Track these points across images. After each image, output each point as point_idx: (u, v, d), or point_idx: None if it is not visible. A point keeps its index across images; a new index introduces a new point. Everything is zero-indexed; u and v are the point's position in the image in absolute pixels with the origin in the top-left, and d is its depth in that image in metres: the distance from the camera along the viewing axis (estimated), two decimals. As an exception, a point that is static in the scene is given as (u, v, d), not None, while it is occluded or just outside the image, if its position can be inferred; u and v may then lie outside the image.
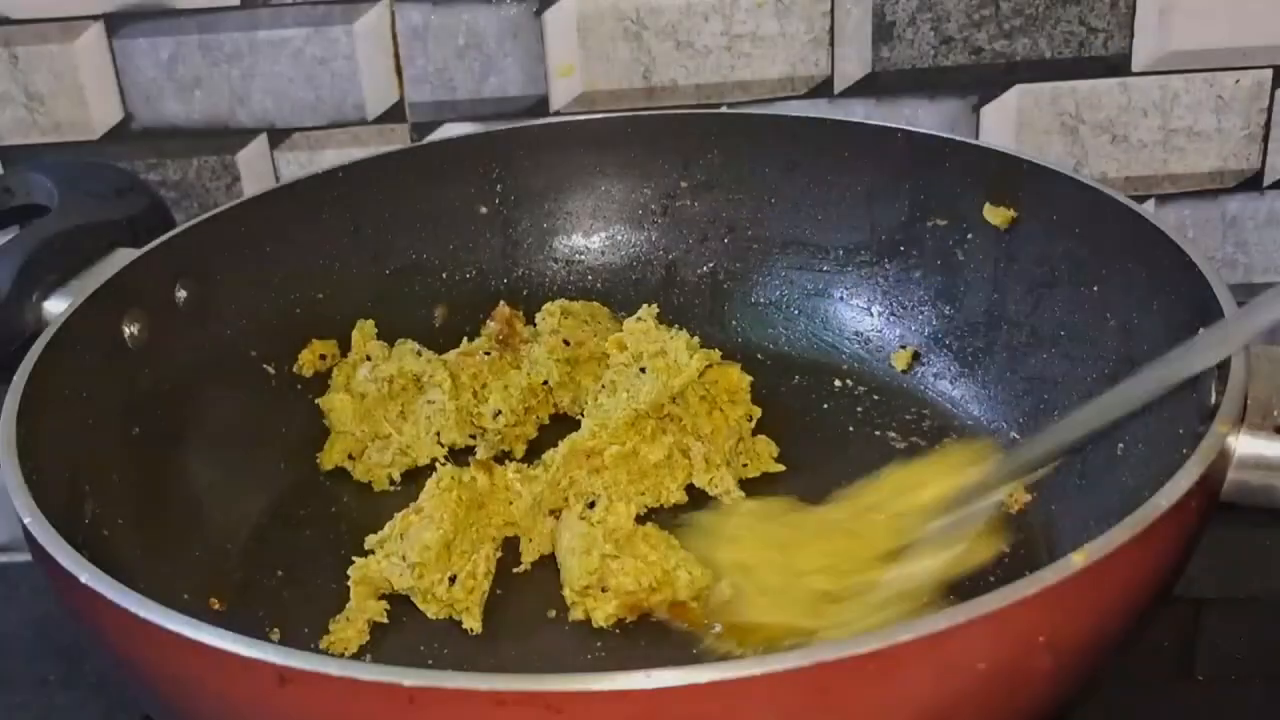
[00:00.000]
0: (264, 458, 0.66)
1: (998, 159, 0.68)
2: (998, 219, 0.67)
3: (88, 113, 0.80)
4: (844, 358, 0.72)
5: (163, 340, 0.63)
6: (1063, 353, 0.64)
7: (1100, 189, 0.63)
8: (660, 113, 0.79)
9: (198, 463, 0.62)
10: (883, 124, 0.72)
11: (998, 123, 0.80)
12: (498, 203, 0.76)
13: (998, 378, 0.67)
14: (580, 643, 0.56)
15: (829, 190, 0.73)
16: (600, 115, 0.77)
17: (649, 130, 0.76)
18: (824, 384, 0.71)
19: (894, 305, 0.72)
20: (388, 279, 0.74)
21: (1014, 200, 0.67)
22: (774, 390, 0.69)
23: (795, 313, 0.74)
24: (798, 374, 0.71)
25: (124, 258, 0.64)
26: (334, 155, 0.81)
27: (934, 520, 0.52)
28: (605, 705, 0.36)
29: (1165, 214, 0.83)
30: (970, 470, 0.54)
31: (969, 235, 0.69)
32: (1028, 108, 0.80)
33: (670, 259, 0.77)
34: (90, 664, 0.59)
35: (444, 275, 0.75)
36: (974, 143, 0.73)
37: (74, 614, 0.46)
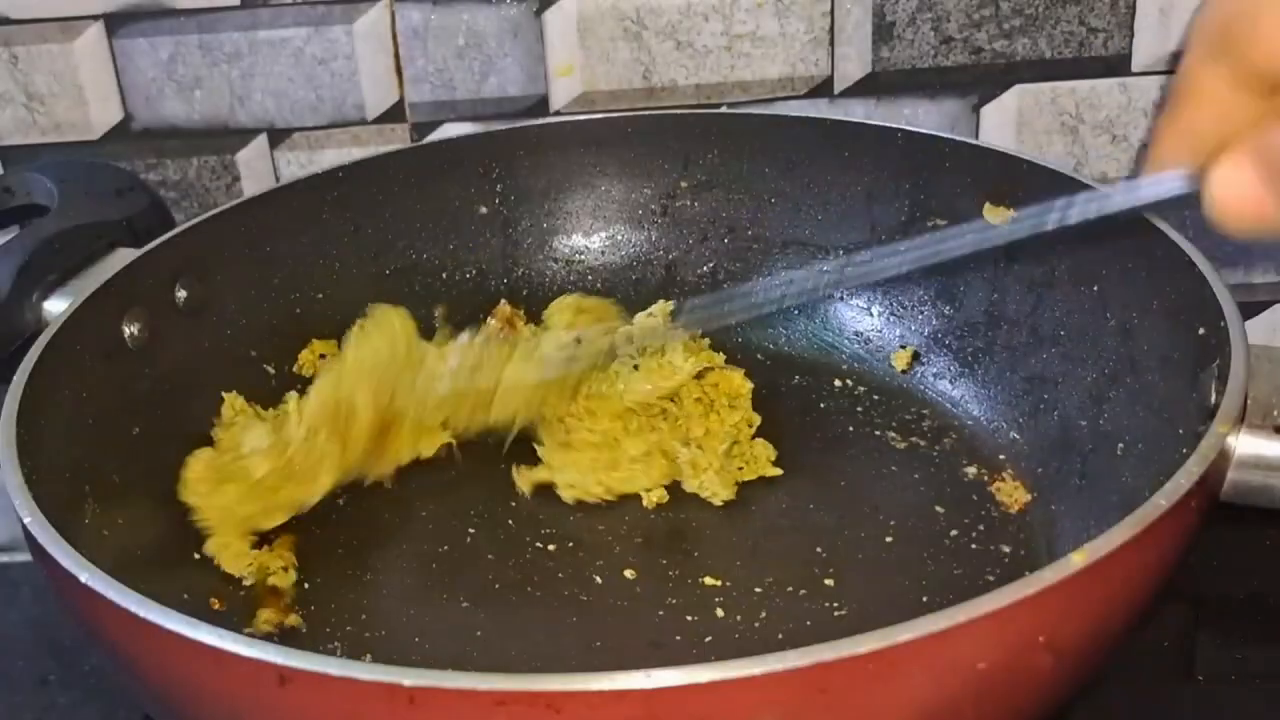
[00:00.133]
0: (264, 458, 0.66)
1: (998, 159, 0.68)
2: (998, 219, 0.67)
3: (88, 113, 0.80)
4: (844, 358, 0.72)
5: (163, 340, 0.63)
6: (1063, 353, 0.64)
7: (1101, 189, 0.63)
8: (660, 113, 0.79)
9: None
10: (883, 124, 0.72)
11: (998, 123, 0.80)
12: (498, 203, 0.76)
13: (998, 378, 0.67)
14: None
15: (829, 190, 0.73)
16: (600, 115, 0.77)
17: (649, 130, 0.76)
18: (824, 384, 0.71)
19: (894, 305, 0.72)
20: (388, 279, 0.74)
21: (1014, 200, 0.67)
22: (774, 390, 0.69)
23: (795, 313, 0.74)
24: (798, 374, 0.71)
25: (124, 258, 0.64)
26: (334, 155, 0.81)
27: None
28: (605, 705, 0.36)
29: (1165, 214, 0.83)
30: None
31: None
32: (1028, 108, 0.80)
33: (670, 259, 0.77)
34: (90, 664, 0.59)
35: (444, 275, 0.75)
36: (974, 143, 0.73)
37: (74, 614, 0.46)
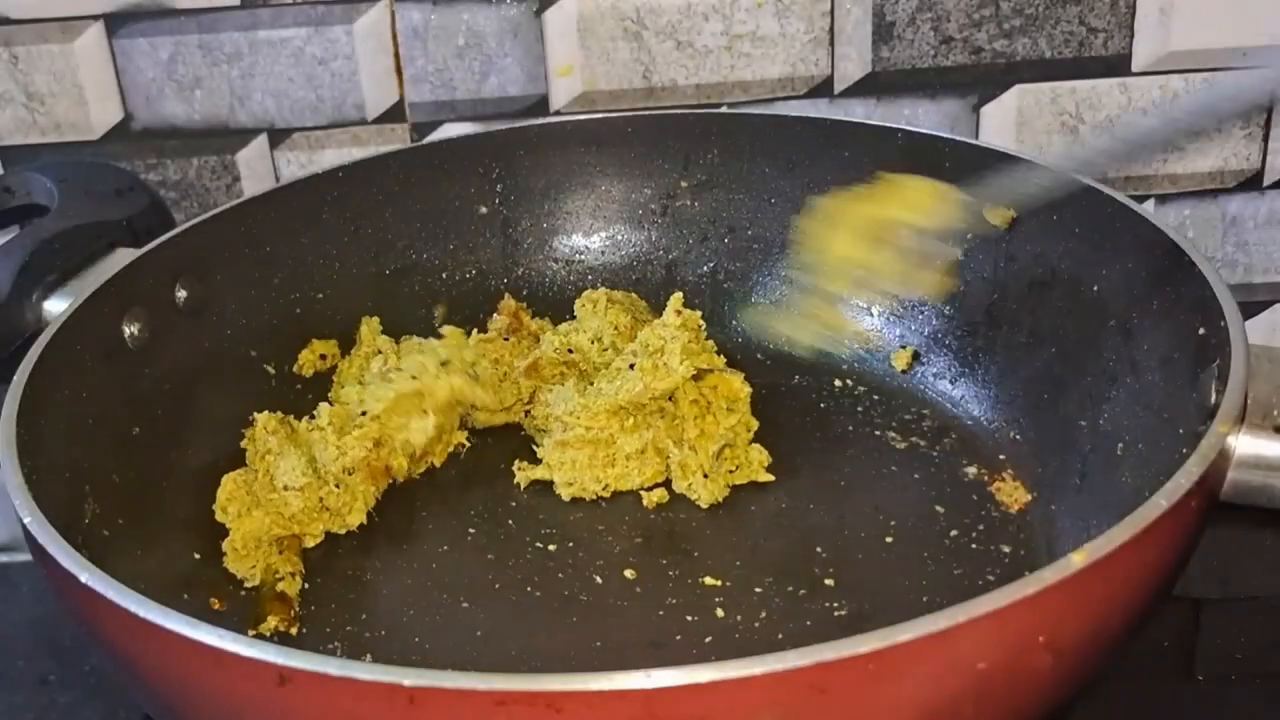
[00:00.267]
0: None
1: (998, 159, 0.68)
2: (998, 219, 0.67)
3: (88, 113, 0.80)
4: (844, 358, 0.72)
5: (163, 340, 0.63)
6: (1063, 353, 0.64)
7: (1100, 189, 0.63)
8: (660, 113, 0.79)
9: (198, 463, 0.62)
10: (883, 124, 0.72)
11: (998, 123, 0.80)
12: (498, 202, 0.76)
13: (998, 378, 0.67)
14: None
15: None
16: (600, 115, 0.77)
17: (649, 130, 0.76)
18: (824, 384, 0.71)
19: (894, 305, 0.72)
20: (388, 279, 0.74)
21: (1014, 200, 0.67)
22: (774, 390, 0.69)
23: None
24: (798, 374, 0.71)
25: (124, 258, 0.64)
26: (334, 155, 0.81)
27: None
28: (605, 705, 0.36)
29: (1165, 214, 0.83)
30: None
31: (969, 235, 0.69)
32: (1028, 108, 0.80)
33: (670, 259, 0.77)
34: (90, 664, 0.58)
35: (444, 275, 0.75)
36: (974, 143, 0.73)
37: (74, 614, 0.46)
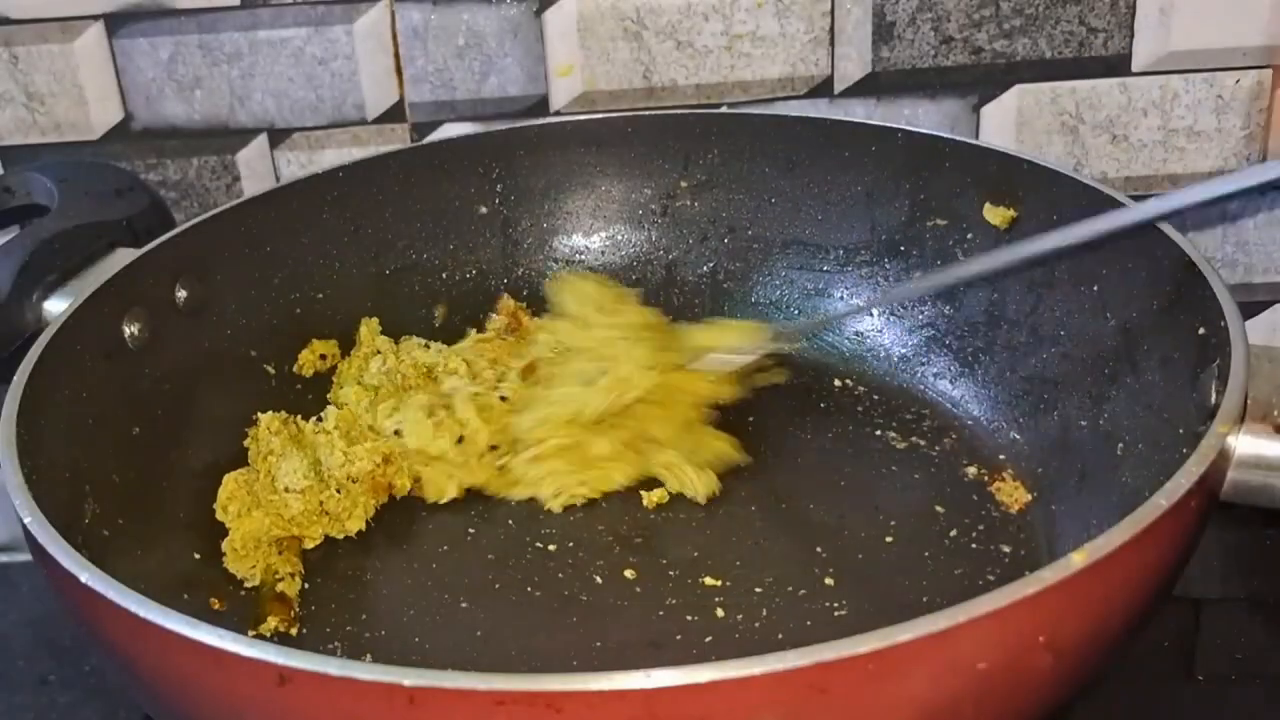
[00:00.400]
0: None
1: (998, 159, 0.68)
2: (998, 219, 0.67)
3: (88, 113, 0.80)
4: (844, 358, 0.72)
5: (163, 340, 0.63)
6: (1063, 353, 0.64)
7: (1100, 189, 0.63)
8: (660, 113, 0.79)
9: (198, 463, 0.62)
10: (883, 124, 0.72)
11: (998, 123, 0.80)
12: (498, 202, 0.76)
13: (998, 378, 0.67)
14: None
15: (829, 190, 0.73)
16: (600, 115, 0.77)
17: (649, 130, 0.76)
18: (824, 384, 0.71)
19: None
20: (388, 279, 0.74)
21: (1014, 200, 0.67)
22: (774, 390, 0.69)
23: (795, 313, 0.74)
24: (798, 374, 0.71)
25: (124, 258, 0.64)
26: (334, 155, 0.81)
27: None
28: (605, 705, 0.36)
29: (1165, 214, 0.83)
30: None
31: (969, 235, 0.69)
32: (1028, 108, 0.80)
33: (670, 259, 0.77)
34: (90, 664, 0.59)
35: (444, 275, 0.75)
36: (974, 143, 0.73)
37: (74, 614, 0.46)
